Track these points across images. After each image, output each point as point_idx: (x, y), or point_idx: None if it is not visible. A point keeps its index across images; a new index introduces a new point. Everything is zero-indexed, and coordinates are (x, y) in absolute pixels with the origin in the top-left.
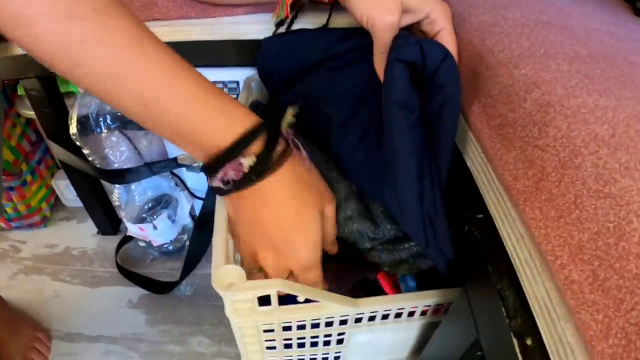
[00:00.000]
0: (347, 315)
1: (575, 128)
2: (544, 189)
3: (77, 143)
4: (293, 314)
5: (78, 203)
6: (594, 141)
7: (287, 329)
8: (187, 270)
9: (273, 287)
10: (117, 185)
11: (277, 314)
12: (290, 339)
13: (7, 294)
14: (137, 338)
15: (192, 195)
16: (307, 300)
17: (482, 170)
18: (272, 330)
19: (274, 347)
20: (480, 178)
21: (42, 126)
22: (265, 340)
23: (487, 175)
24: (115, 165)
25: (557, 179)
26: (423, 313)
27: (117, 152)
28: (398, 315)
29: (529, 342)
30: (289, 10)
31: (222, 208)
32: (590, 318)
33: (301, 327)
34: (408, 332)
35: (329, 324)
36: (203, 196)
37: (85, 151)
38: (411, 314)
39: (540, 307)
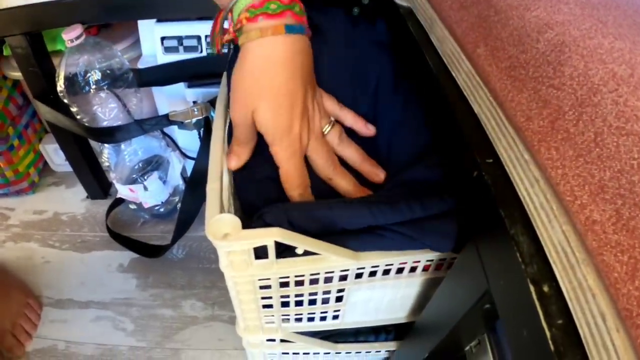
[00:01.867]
0: (347, 270)
1: (592, 67)
2: (561, 128)
3: (65, 101)
4: (291, 267)
5: (67, 168)
6: (612, 80)
7: (284, 285)
8: (179, 232)
9: (270, 237)
10: (106, 146)
11: (275, 268)
12: (288, 297)
13: None
14: (128, 303)
15: (184, 155)
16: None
17: (492, 115)
18: (269, 287)
19: (271, 306)
20: (490, 124)
21: (28, 85)
22: (262, 298)
23: (497, 119)
24: (105, 124)
25: (575, 117)
26: (425, 269)
27: (106, 109)
28: (399, 270)
29: (545, 288)
30: (219, 47)
31: (215, 156)
32: (615, 260)
33: (299, 283)
34: (409, 289)
35: (328, 280)
36: (194, 156)
37: (74, 109)
38: (413, 269)
39: (557, 253)
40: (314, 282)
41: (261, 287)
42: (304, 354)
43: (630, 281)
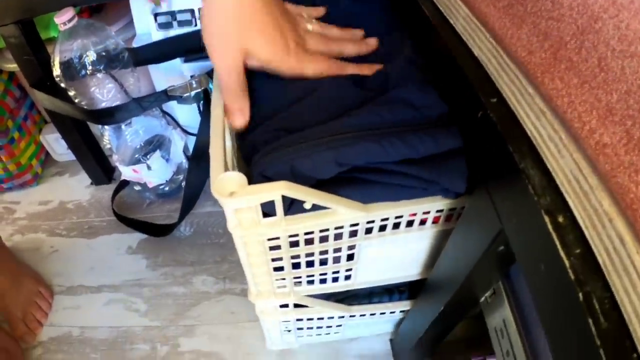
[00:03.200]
0: (357, 225)
1: None
2: (563, 58)
3: (62, 85)
4: (300, 224)
5: (69, 157)
6: (613, 6)
7: (294, 244)
8: (185, 209)
9: (277, 191)
10: (107, 129)
11: (283, 224)
12: (299, 257)
13: None
14: (140, 283)
15: (185, 132)
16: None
17: (493, 54)
18: (279, 247)
19: (282, 268)
20: (491, 64)
21: (24, 75)
22: (272, 260)
23: (498, 58)
24: (103, 105)
25: (577, 45)
26: (435, 221)
27: (104, 91)
28: (409, 224)
29: (560, 219)
30: None
31: (216, 111)
32: (629, 180)
33: (309, 242)
34: (420, 243)
35: (338, 237)
36: (196, 132)
37: (71, 93)
38: (423, 222)
39: (569, 182)
40: (323, 239)
41: (271, 248)
42: (318, 319)
43: None
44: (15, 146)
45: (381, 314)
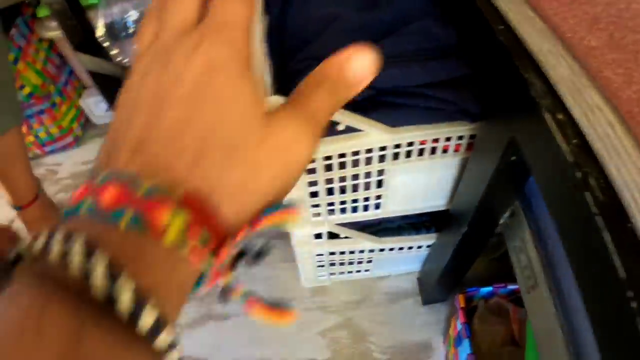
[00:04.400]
0: (385, 150)
1: None
2: None
3: (106, 44)
4: (334, 144)
5: (108, 119)
6: None
7: (328, 168)
8: None
9: None
10: None
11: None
12: (332, 182)
13: None
14: None
15: None
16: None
17: None
18: (314, 172)
19: (317, 194)
20: None
21: (68, 38)
22: (309, 185)
23: None
24: None
25: None
26: (456, 150)
27: None
28: (433, 151)
29: (560, 116)
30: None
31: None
32: (613, 73)
33: (342, 166)
34: (443, 172)
35: (368, 162)
36: None
37: (114, 52)
38: (445, 151)
39: (567, 85)
40: (355, 164)
41: (307, 172)
42: (350, 252)
43: (628, 87)
44: (56, 110)
45: (409, 248)
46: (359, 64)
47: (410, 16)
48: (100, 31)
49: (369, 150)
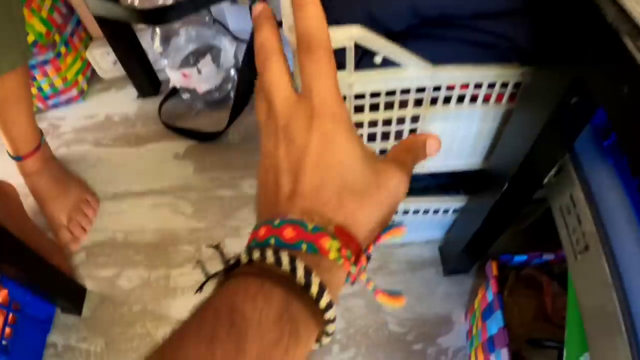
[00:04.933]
0: (423, 92)
1: None
2: None
3: None
4: (368, 79)
5: (114, 73)
6: None
7: (359, 110)
8: (234, 113)
9: (352, 35)
10: (157, 33)
11: (353, 78)
12: (361, 127)
13: None
14: (187, 187)
15: (236, 39)
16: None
17: None
18: None
19: None
20: None
21: None
22: None
23: None
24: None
25: None
26: (498, 100)
27: None
28: (474, 100)
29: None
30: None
31: None
32: None
33: (374, 108)
34: (481, 125)
35: (403, 105)
36: (247, 38)
37: None
38: (486, 100)
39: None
40: (388, 106)
41: None
42: None
43: None
44: (61, 61)
45: (434, 212)
46: (433, 144)
47: None
48: None
49: (405, 92)
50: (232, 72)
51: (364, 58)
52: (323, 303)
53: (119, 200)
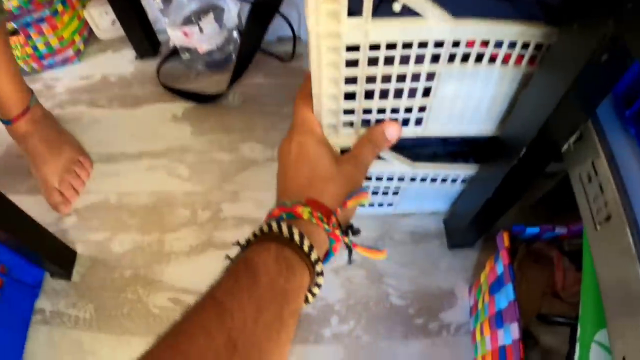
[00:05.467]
0: (441, 48)
1: None
2: None
3: None
4: (385, 28)
5: (112, 34)
6: None
7: (372, 63)
8: (236, 74)
9: None
10: None
11: (369, 25)
12: (373, 82)
13: None
14: (183, 149)
15: None
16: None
17: None
18: (356, 65)
19: (354, 97)
20: None
21: None
22: (346, 83)
23: None
24: None
25: None
26: (517, 62)
27: None
28: (492, 60)
29: None
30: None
31: None
32: None
33: (389, 61)
34: (499, 87)
35: (419, 61)
36: None
37: None
38: (505, 61)
39: None
40: (404, 61)
41: (347, 65)
42: (377, 179)
43: None
44: (58, 19)
45: (442, 180)
46: (392, 130)
47: None
48: None
49: (423, 45)
50: (235, 33)
51: (383, 4)
52: (305, 246)
53: (113, 162)
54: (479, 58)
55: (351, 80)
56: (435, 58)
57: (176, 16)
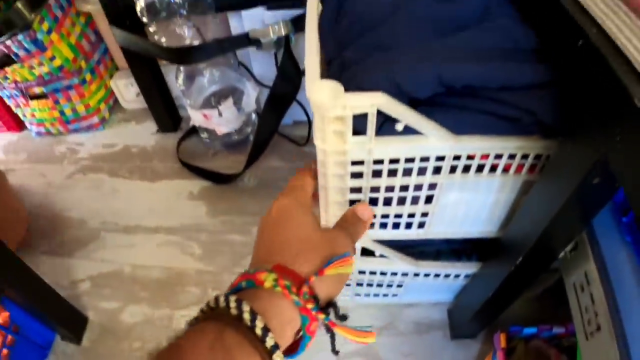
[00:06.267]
0: (443, 160)
1: None
2: None
3: (144, 20)
4: (388, 146)
5: (136, 105)
6: None
7: (376, 175)
8: (252, 158)
9: (375, 102)
10: (181, 70)
11: (373, 144)
12: (377, 191)
13: (64, 193)
14: (197, 228)
15: (259, 83)
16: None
17: None
18: (361, 176)
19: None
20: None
21: (106, 12)
22: (351, 192)
23: None
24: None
25: None
26: (518, 171)
27: (184, 31)
28: (493, 170)
29: None
30: None
31: (311, 25)
32: None
33: (392, 174)
34: (500, 194)
35: (421, 172)
36: (269, 85)
37: (152, 29)
38: (506, 170)
39: None
40: (407, 173)
41: (352, 176)
42: (381, 274)
43: None
44: (86, 87)
45: (446, 276)
46: (363, 211)
47: (487, 14)
48: (140, 6)
49: (425, 159)
50: (253, 116)
51: (386, 124)
52: (258, 328)
53: (129, 234)
54: (480, 168)
55: (356, 190)
56: (437, 170)
57: (197, 98)
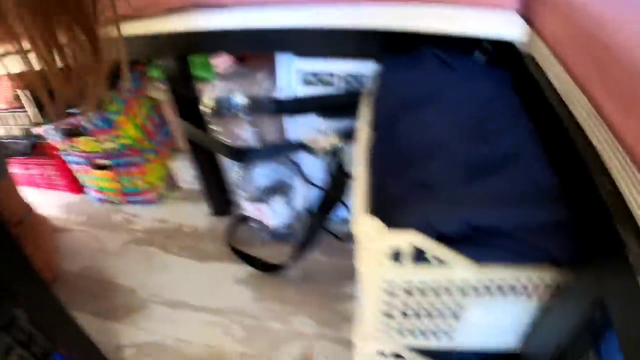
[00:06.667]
0: (467, 283)
1: None
2: None
3: (208, 118)
4: (419, 273)
5: (192, 186)
6: None
7: (407, 292)
8: (299, 253)
9: (411, 240)
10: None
11: (407, 271)
12: (407, 305)
13: (117, 261)
14: (241, 312)
15: (308, 182)
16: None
17: (606, 142)
18: (395, 294)
19: (392, 316)
20: (605, 151)
21: (174, 105)
22: (384, 303)
23: (611, 146)
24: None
25: None
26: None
27: (244, 130)
28: (512, 289)
29: None
30: None
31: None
32: None
33: (421, 292)
34: (518, 312)
35: (447, 291)
36: (317, 184)
37: (214, 126)
38: (523, 291)
39: None
40: (436, 292)
41: (388, 294)
42: None
43: None
44: (147, 166)
45: None
46: None
47: (515, 154)
48: (204, 104)
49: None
50: (302, 211)
51: (416, 253)
52: None
53: (174, 309)
54: (500, 287)
55: (390, 301)
56: (462, 290)
57: (250, 190)
